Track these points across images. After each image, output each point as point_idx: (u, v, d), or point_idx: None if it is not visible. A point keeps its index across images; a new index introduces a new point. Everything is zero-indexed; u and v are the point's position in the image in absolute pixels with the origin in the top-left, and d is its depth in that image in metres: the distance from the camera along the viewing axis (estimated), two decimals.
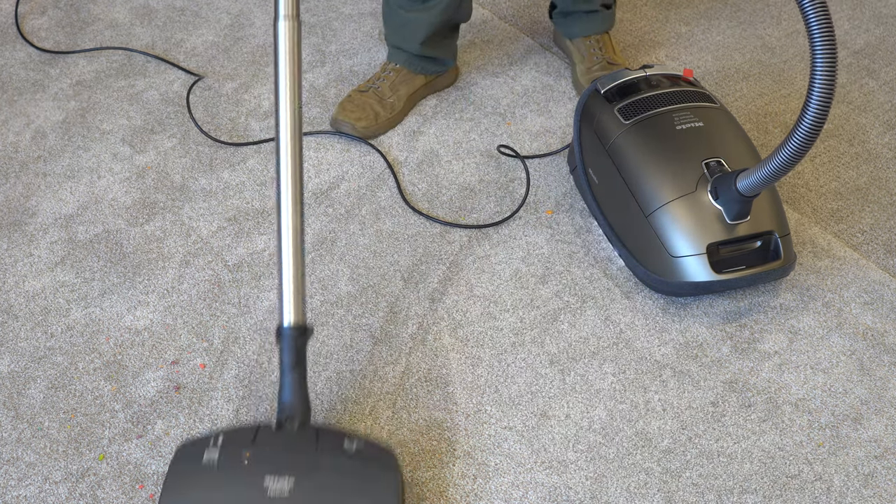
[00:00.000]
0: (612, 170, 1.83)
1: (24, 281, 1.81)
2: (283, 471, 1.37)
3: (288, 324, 1.49)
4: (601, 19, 2.29)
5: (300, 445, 1.42)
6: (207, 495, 1.36)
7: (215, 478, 1.37)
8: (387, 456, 1.45)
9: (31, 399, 1.62)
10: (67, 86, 2.27)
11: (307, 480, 1.36)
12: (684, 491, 1.53)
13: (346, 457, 1.41)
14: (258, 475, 1.36)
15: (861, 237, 1.97)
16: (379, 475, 1.41)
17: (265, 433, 1.44)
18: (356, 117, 2.13)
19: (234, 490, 1.36)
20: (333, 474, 1.38)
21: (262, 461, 1.39)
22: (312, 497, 1.35)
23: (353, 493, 1.37)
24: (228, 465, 1.38)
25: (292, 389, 1.48)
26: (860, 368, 1.72)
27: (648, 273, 1.78)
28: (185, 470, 1.40)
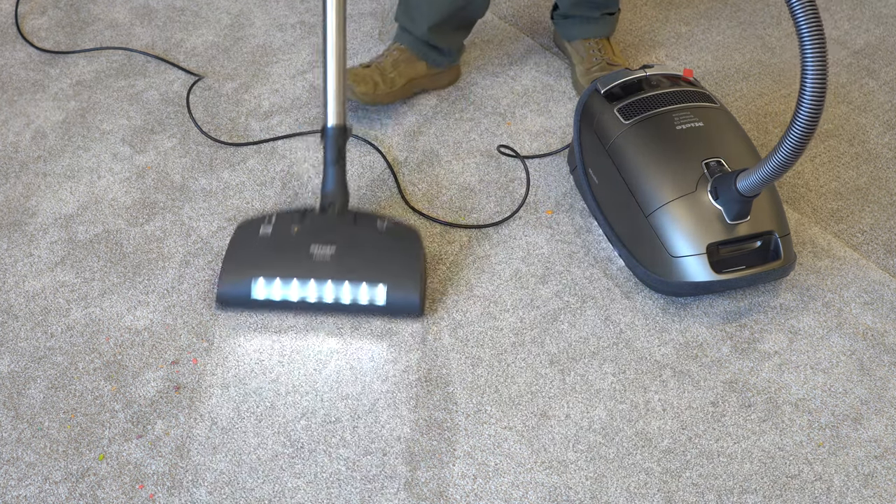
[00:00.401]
0: (612, 170, 1.83)
1: (24, 281, 1.81)
2: (326, 240, 1.73)
3: (331, 124, 1.80)
4: (601, 25, 2.29)
5: (340, 223, 1.78)
6: (263, 258, 1.73)
7: (269, 245, 1.74)
8: (412, 232, 1.81)
9: (31, 399, 1.62)
10: (67, 86, 2.27)
11: (346, 247, 1.73)
12: (684, 491, 1.53)
13: (378, 231, 1.77)
14: (305, 243, 1.73)
15: (861, 237, 1.97)
16: (405, 246, 1.77)
17: (311, 215, 1.79)
18: (355, 81, 2.13)
19: (285, 254, 1.73)
20: (368, 244, 1.75)
21: (308, 233, 1.75)
22: (350, 259, 1.71)
23: (385, 256, 1.73)
24: (280, 236, 1.75)
25: (334, 180, 1.80)
26: (860, 368, 1.72)
27: (648, 273, 1.78)
28: (243, 239, 1.77)
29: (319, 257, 1.71)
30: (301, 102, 2.24)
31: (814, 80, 1.43)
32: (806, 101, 1.45)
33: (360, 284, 1.69)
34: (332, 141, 1.79)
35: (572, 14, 2.29)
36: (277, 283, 1.70)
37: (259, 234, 1.76)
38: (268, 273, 1.70)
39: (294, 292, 1.70)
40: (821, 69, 1.42)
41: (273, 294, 1.70)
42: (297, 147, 2.12)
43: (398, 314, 1.73)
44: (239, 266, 1.73)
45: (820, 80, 1.43)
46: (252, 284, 1.70)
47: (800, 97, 1.46)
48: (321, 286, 1.70)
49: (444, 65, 2.25)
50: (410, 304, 1.71)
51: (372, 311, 1.72)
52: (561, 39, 2.37)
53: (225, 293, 1.72)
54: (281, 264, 1.71)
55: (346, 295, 1.70)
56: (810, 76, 1.43)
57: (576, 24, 2.30)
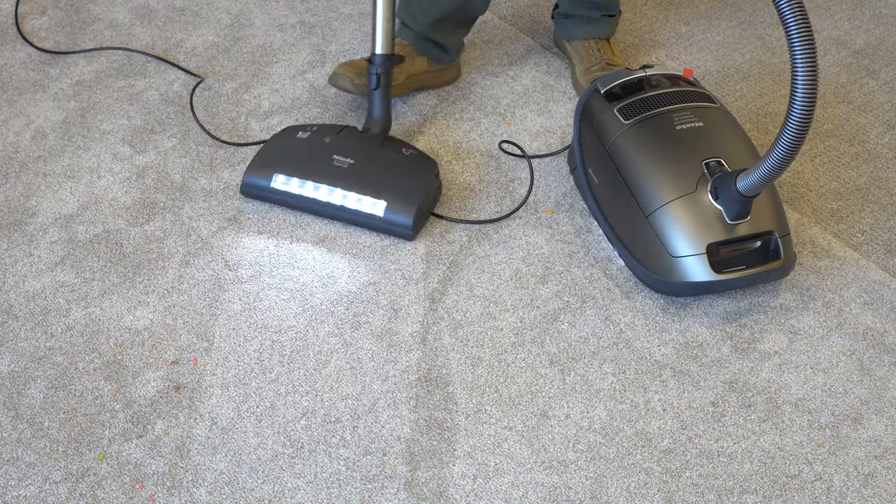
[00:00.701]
0: (612, 170, 1.83)
1: (24, 281, 1.81)
2: (350, 154, 1.92)
3: (378, 52, 1.94)
4: (601, 26, 2.29)
5: (369, 143, 1.95)
6: (290, 157, 1.94)
7: (300, 147, 1.95)
8: (431, 164, 1.95)
9: (31, 399, 1.62)
10: (67, 86, 2.27)
11: (364, 162, 1.91)
12: (684, 491, 1.53)
13: (399, 156, 1.94)
14: (330, 152, 1.92)
15: (861, 237, 1.97)
16: (416, 173, 1.92)
17: (350, 131, 1.98)
18: (356, 73, 2.13)
19: (309, 158, 1.93)
20: (384, 164, 1.92)
21: (336, 146, 1.93)
22: (362, 173, 1.89)
23: (395, 177, 1.90)
24: (313, 143, 1.95)
25: (377, 106, 1.97)
26: (860, 368, 1.72)
27: (648, 273, 1.78)
28: (283, 136, 2.00)
29: (338, 166, 1.89)
30: (301, 102, 2.24)
31: (805, 76, 1.45)
32: (798, 97, 1.46)
33: (364, 196, 1.86)
34: (377, 68, 1.94)
35: (573, 14, 2.29)
36: (295, 181, 1.90)
37: (297, 136, 1.96)
38: (288, 171, 1.91)
39: (308, 191, 1.89)
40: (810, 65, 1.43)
41: (290, 188, 1.90)
42: None
43: (392, 232, 1.88)
44: (266, 160, 1.94)
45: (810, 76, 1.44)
46: (273, 177, 1.91)
47: (791, 94, 1.47)
48: (331, 191, 1.88)
49: (444, 61, 2.25)
50: (403, 223, 1.86)
51: (370, 223, 1.88)
52: (561, 39, 2.37)
53: (249, 182, 1.94)
54: (302, 166, 1.91)
55: (350, 202, 1.87)
56: (801, 72, 1.44)
57: (576, 24, 2.30)
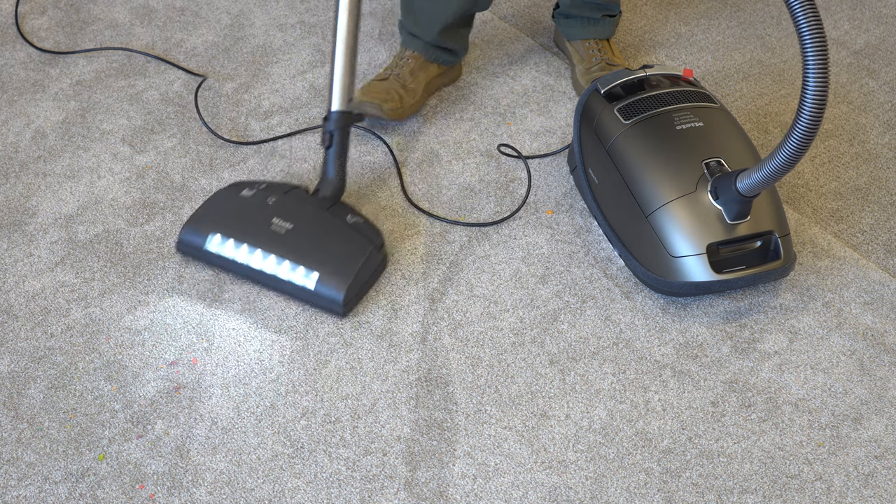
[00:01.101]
0: (612, 170, 1.83)
1: (24, 281, 1.81)
2: (291, 217, 1.79)
3: (335, 109, 1.81)
4: (602, 27, 2.29)
5: (314, 206, 1.81)
6: (229, 215, 1.82)
7: (239, 207, 1.83)
8: (374, 234, 1.81)
9: (31, 399, 1.62)
10: (67, 86, 2.27)
11: (302, 229, 1.77)
12: (684, 491, 1.53)
13: (342, 224, 1.79)
14: (270, 215, 1.79)
15: (861, 237, 1.97)
16: (357, 244, 1.77)
17: (298, 192, 1.85)
18: (382, 98, 2.11)
19: (247, 218, 1.80)
20: (324, 232, 1.78)
21: (279, 207, 1.80)
22: (299, 241, 1.76)
23: (330, 248, 1.75)
24: (254, 203, 1.82)
25: (330, 166, 1.84)
26: (860, 368, 1.72)
27: (648, 273, 1.78)
28: (224, 195, 1.86)
29: (275, 230, 1.77)
30: (301, 102, 2.24)
31: (815, 83, 1.43)
32: (808, 103, 1.45)
33: (298, 266, 1.74)
34: (332, 125, 1.82)
35: (573, 14, 2.29)
36: (230, 244, 1.78)
37: (241, 193, 1.84)
38: (224, 231, 1.79)
39: (242, 256, 1.77)
40: (822, 71, 1.42)
41: (224, 252, 1.78)
42: (297, 147, 2.12)
43: (323, 307, 1.75)
44: (204, 218, 1.83)
45: (822, 83, 1.43)
46: (208, 238, 1.79)
47: (801, 99, 1.46)
48: (265, 258, 1.75)
49: (453, 63, 2.26)
50: (333, 300, 1.73)
51: (300, 295, 1.76)
52: (561, 39, 2.37)
53: (184, 239, 1.83)
54: (240, 227, 1.79)
55: (283, 272, 1.75)
56: (812, 78, 1.43)
57: (576, 25, 2.30)
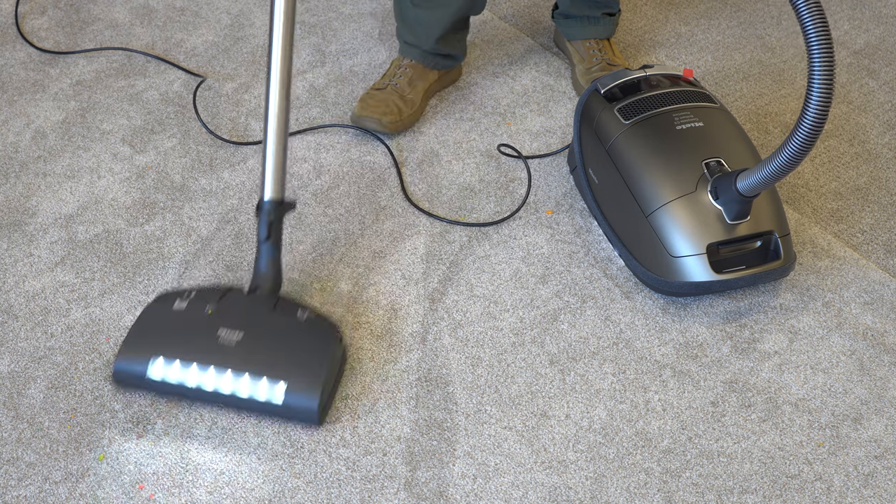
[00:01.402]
0: (612, 170, 1.83)
1: (24, 281, 1.81)
2: (236, 326, 1.57)
3: (268, 198, 1.66)
4: (602, 26, 2.29)
5: (259, 308, 1.61)
6: (168, 334, 1.58)
7: (177, 323, 1.59)
8: (332, 329, 1.61)
9: (31, 399, 1.62)
10: (67, 86, 2.27)
11: (254, 336, 1.56)
12: (684, 491, 1.53)
13: (295, 322, 1.60)
14: (213, 327, 1.57)
15: (861, 237, 1.97)
16: (319, 343, 1.58)
17: (234, 294, 1.64)
18: (381, 112, 2.11)
19: (190, 333, 1.57)
20: (279, 335, 1.58)
21: (220, 316, 1.59)
22: (255, 350, 1.55)
23: (291, 353, 1.56)
24: (191, 315, 1.60)
25: (265, 260, 1.66)
26: (860, 368, 1.72)
27: (648, 273, 1.78)
28: (155, 311, 1.63)
29: (225, 343, 1.55)
30: (301, 102, 2.24)
31: (821, 85, 1.43)
32: (812, 104, 1.45)
33: (260, 379, 1.52)
34: (266, 216, 1.65)
35: (573, 14, 2.29)
36: (175, 366, 1.54)
37: (173, 307, 1.61)
38: (167, 353, 1.55)
39: (192, 378, 1.54)
40: (828, 74, 1.42)
41: (170, 377, 1.54)
42: (297, 147, 2.12)
43: (295, 418, 1.56)
44: (140, 342, 1.58)
45: (827, 85, 1.43)
46: (150, 364, 1.55)
47: (806, 101, 1.46)
48: (220, 375, 1.53)
49: (453, 66, 2.26)
50: (308, 410, 1.53)
51: (268, 411, 1.55)
52: (561, 39, 2.37)
53: (121, 369, 1.57)
54: (183, 345, 1.56)
55: (243, 388, 1.53)
56: (818, 80, 1.43)
57: (576, 24, 2.30)
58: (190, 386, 1.55)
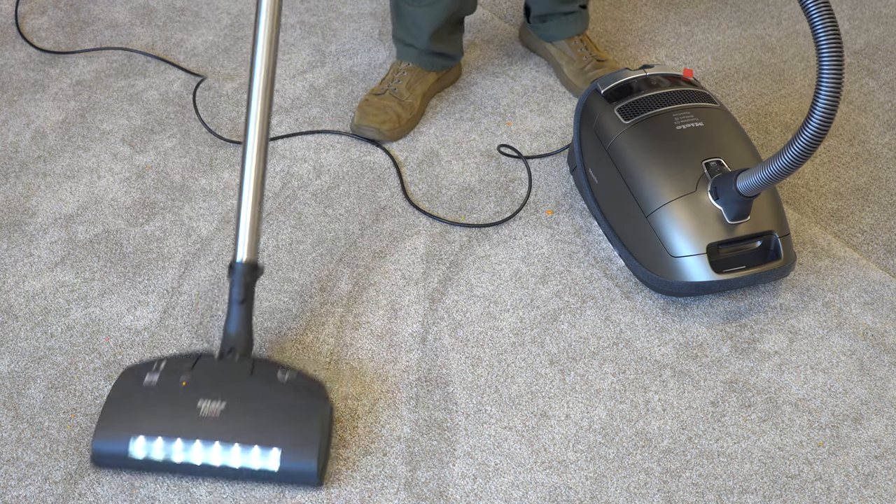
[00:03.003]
0: (612, 170, 1.83)
1: (24, 281, 1.81)
2: (217, 395, 1.50)
3: (240, 260, 1.60)
4: (579, 20, 2.29)
5: (236, 374, 1.55)
6: (143, 413, 1.50)
7: (152, 398, 1.51)
8: (316, 387, 1.56)
9: (31, 399, 1.62)
10: (67, 86, 2.27)
11: (238, 404, 1.50)
12: (684, 491, 1.53)
13: (277, 385, 1.53)
14: (192, 398, 1.50)
15: (861, 237, 1.97)
16: (306, 403, 1.52)
17: (206, 361, 1.57)
18: (380, 120, 2.11)
19: (168, 410, 1.50)
20: (263, 400, 1.51)
21: (197, 386, 1.52)
22: (241, 418, 1.49)
23: (280, 417, 1.50)
24: (166, 388, 1.52)
25: (238, 322, 1.60)
26: (860, 368, 1.72)
27: (648, 273, 1.78)
28: (125, 389, 1.54)
29: (207, 414, 1.48)
30: (301, 102, 2.24)
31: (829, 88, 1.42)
32: (819, 108, 1.44)
33: (251, 448, 1.47)
34: (240, 278, 1.59)
35: (551, 12, 2.28)
36: (159, 443, 1.47)
37: (143, 382, 1.53)
38: (147, 431, 1.48)
39: (177, 454, 1.47)
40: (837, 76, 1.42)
41: (154, 454, 1.48)
42: (297, 147, 2.12)
43: (293, 482, 1.50)
44: (116, 421, 1.50)
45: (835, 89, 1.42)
46: (130, 443, 1.48)
47: (813, 104, 1.45)
48: (208, 448, 1.47)
49: (450, 66, 2.26)
50: (306, 472, 1.47)
51: (263, 478, 1.49)
52: (537, 42, 2.36)
53: (100, 450, 1.49)
54: (163, 421, 1.49)
55: (234, 459, 1.47)
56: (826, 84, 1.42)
57: (555, 25, 2.29)
58: (176, 462, 1.48)
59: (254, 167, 1.60)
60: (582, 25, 2.30)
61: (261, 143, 1.61)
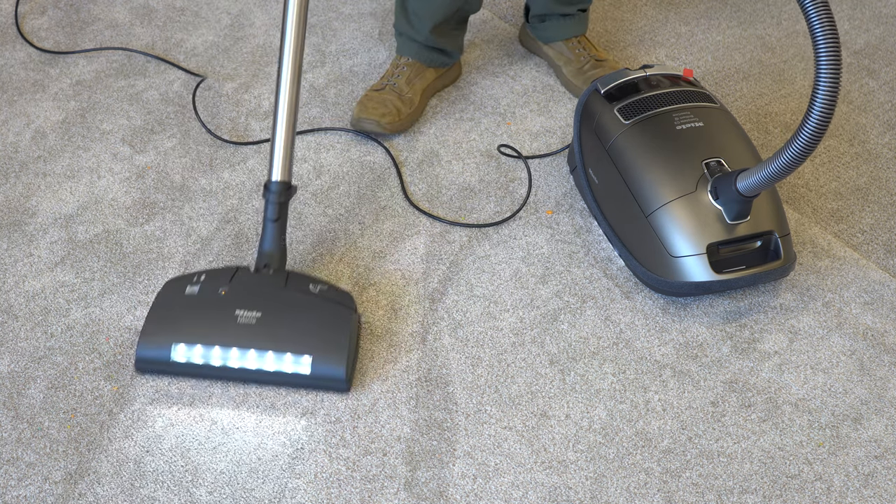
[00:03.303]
0: (612, 170, 1.83)
1: (24, 281, 1.81)
2: (253, 305, 1.62)
3: (275, 180, 1.69)
4: (578, 23, 2.29)
5: (271, 286, 1.66)
6: (185, 320, 1.62)
7: (193, 307, 1.64)
8: (346, 297, 1.68)
9: (31, 399, 1.62)
10: (67, 86, 2.27)
11: (272, 314, 1.61)
12: (684, 491, 1.53)
13: (309, 296, 1.65)
14: (230, 307, 1.62)
15: (861, 237, 1.97)
16: (336, 313, 1.64)
17: (243, 274, 1.68)
18: (380, 113, 2.10)
19: (208, 318, 1.62)
20: (296, 310, 1.63)
21: (235, 297, 1.64)
22: (275, 327, 1.60)
23: (312, 326, 1.61)
24: (205, 298, 1.64)
25: (272, 239, 1.70)
26: (860, 368, 1.72)
27: (648, 273, 1.78)
28: (167, 299, 1.66)
29: (244, 322, 1.60)
30: (301, 102, 2.24)
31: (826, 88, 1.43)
32: (817, 107, 1.45)
33: (284, 354, 1.59)
34: (275, 197, 1.68)
35: (550, 13, 2.28)
36: (199, 349, 1.60)
37: (185, 293, 1.65)
38: (188, 338, 1.60)
39: (216, 359, 1.60)
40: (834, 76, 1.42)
41: (194, 359, 1.60)
42: (296, 147, 2.12)
43: (322, 387, 1.62)
44: (159, 329, 1.62)
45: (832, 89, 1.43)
46: (172, 349, 1.60)
47: (811, 103, 1.45)
48: (244, 353, 1.59)
49: (449, 64, 2.26)
50: (336, 377, 1.59)
51: (295, 382, 1.61)
52: (535, 42, 2.36)
53: (143, 357, 1.62)
54: (203, 329, 1.61)
55: (269, 364, 1.59)
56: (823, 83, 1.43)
57: (553, 26, 2.29)
58: (215, 366, 1.60)
59: (287, 93, 1.67)
60: (580, 28, 2.30)
61: (294, 71, 1.67)
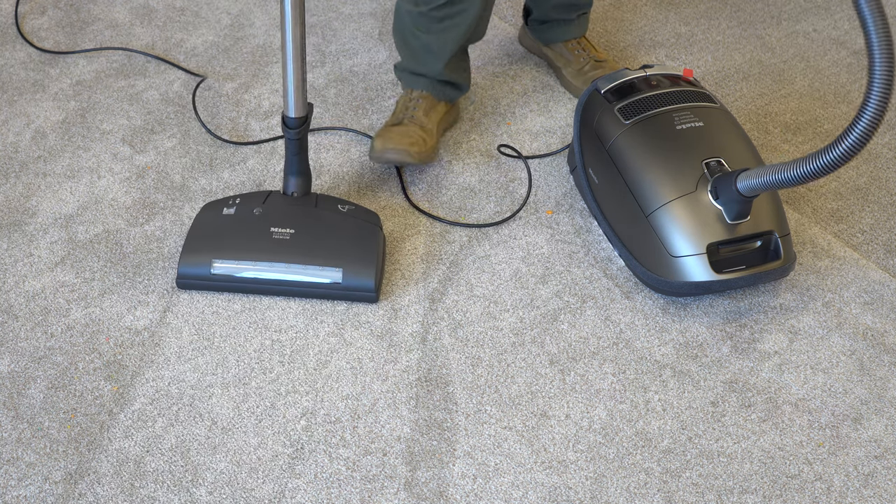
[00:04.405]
0: (613, 170, 1.83)
1: (24, 281, 1.81)
2: (286, 223, 1.78)
3: (294, 115, 1.77)
4: (578, 25, 2.29)
5: (302, 206, 1.82)
6: (223, 238, 1.78)
7: (230, 226, 1.79)
8: (372, 216, 1.83)
9: (31, 399, 1.62)
10: (67, 86, 2.27)
11: (305, 231, 1.78)
12: (684, 491, 1.53)
13: (339, 214, 1.81)
14: (265, 225, 1.78)
15: (861, 237, 1.97)
16: (364, 229, 1.79)
17: (275, 197, 1.84)
18: (408, 143, 1.97)
19: (245, 235, 1.78)
20: (327, 227, 1.79)
21: (269, 216, 1.79)
22: (308, 242, 1.76)
23: (342, 241, 1.77)
24: (242, 216, 1.80)
25: (296, 166, 1.83)
26: (860, 368, 1.72)
27: (648, 273, 1.78)
28: (206, 219, 1.82)
29: (279, 238, 1.76)
30: None
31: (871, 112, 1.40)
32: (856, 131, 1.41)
33: (318, 266, 1.74)
34: (294, 133, 1.79)
35: (550, 18, 2.28)
36: (237, 264, 1.76)
37: (222, 214, 1.81)
38: (227, 253, 1.76)
39: (253, 271, 1.75)
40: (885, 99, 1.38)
41: (233, 272, 1.75)
42: None
43: (353, 298, 1.76)
44: (199, 246, 1.78)
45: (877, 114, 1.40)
46: (212, 264, 1.76)
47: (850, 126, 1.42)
48: (280, 266, 1.75)
49: (456, 98, 2.15)
50: (365, 287, 1.75)
51: (327, 293, 1.76)
52: (535, 43, 2.36)
53: (185, 273, 1.77)
54: (241, 244, 1.76)
55: (302, 275, 1.75)
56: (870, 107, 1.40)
57: (553, 28, 2.29)
58: (253, 278, 1.75)
59: (291, 29, 1.69)
60: (580, 30, 2.30)
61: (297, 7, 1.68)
